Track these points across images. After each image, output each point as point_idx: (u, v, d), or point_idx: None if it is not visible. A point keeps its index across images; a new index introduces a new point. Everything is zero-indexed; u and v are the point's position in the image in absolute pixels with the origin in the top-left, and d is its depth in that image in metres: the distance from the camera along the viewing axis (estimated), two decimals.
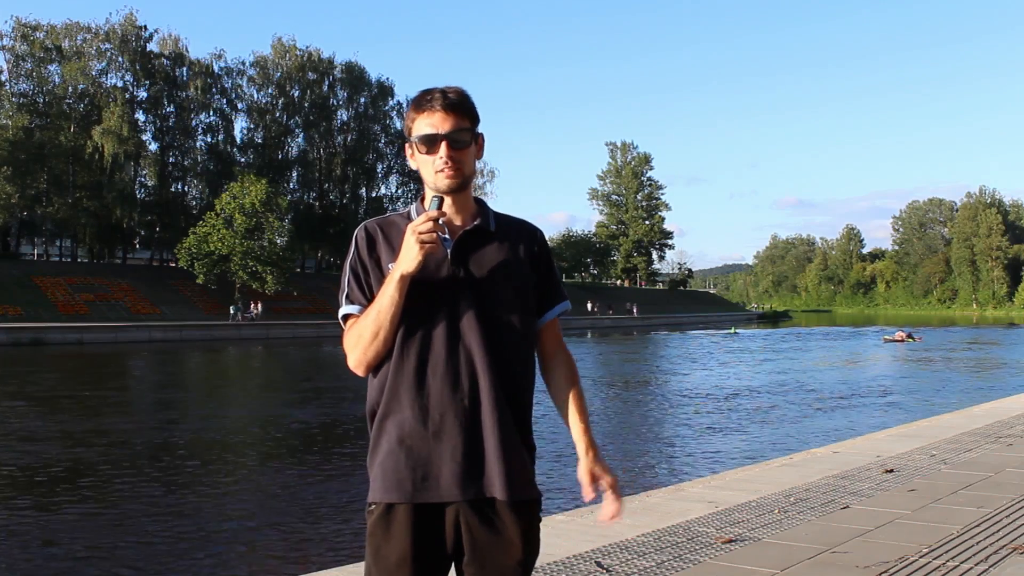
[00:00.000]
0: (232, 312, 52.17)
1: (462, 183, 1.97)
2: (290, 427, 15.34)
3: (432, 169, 1.95)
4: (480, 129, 2.02)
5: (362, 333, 1.92)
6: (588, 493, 2.01)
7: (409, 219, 1.99)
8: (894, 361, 33.88)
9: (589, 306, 75.58)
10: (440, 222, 1.89)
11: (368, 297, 1.96)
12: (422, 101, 1.96)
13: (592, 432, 2.06)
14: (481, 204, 2.06)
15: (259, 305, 52.87)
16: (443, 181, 1.94)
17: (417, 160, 1.99)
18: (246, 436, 14.72)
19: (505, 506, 1.91)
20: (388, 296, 1.88)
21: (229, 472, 11.49)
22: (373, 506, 1.93)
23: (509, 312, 1.95)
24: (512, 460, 1.91)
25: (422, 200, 2.02)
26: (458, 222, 1.99)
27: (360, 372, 1.97)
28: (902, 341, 46.58)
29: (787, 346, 44.42)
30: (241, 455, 12.89)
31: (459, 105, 1.95)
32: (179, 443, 13.60)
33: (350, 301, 1.98)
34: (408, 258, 1.85)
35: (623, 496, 2.07)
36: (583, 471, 2.01)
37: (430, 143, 1.94)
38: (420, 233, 1.83)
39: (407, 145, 2.01)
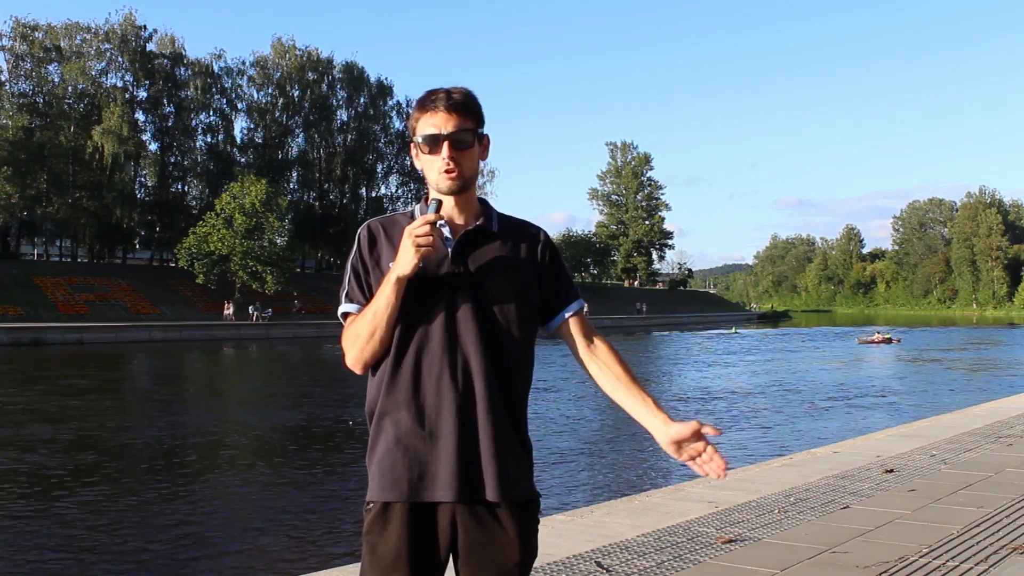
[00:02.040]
0: (250, 311, 52.42)
1: (463, 184, 1.97)
2: (288, 427, 15.34)
3: (434, 170, 1.95)
4: (484, 130, 2.02)
5: (359, 332, 1.93)
6: (699, 447, 1.90)
7: (412, 219, 1.99)
8: (892, 362, 33.88)
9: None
10: (439, 224, 1.89)
11: (367, 296, 1.97)
12: (426, 101, 1.96)
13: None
14: (485, 204, 2.05)
15: (231, 306, 52.15)
16: (444, 182, 1.95)
17: (421, 160, 1.99)
18: (244, 436, 14.73)
19: (502, 507, 1.90)
20: (384, 297, 1.88)
21: (226, 472, 11.50)
22: (371, 504, 1.94)
23: (507, 313, 1.95)
24: (505, 461, 1.90)
25: (426, 200, 2.02)
26: (460, 221, 1.99)
27: (357, 370, 1.97)
28: (878, 343, 44.96)
29: (770, 347, 44.31)
30: (239, 455, 12.90)
31: (463, 106, 1.95)
32: (176, 443, 13.60)
33: (349, 299, 1.99)
34: (404, 261, 1.85)
35: (622, 496, 2.06)
36: (677, 431, 1.90)
37: (432, 143, 1.93)
38: (416, 237, 1.84)
39: (412, 146, 2.01)
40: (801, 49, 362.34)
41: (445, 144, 1.92)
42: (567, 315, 2.05)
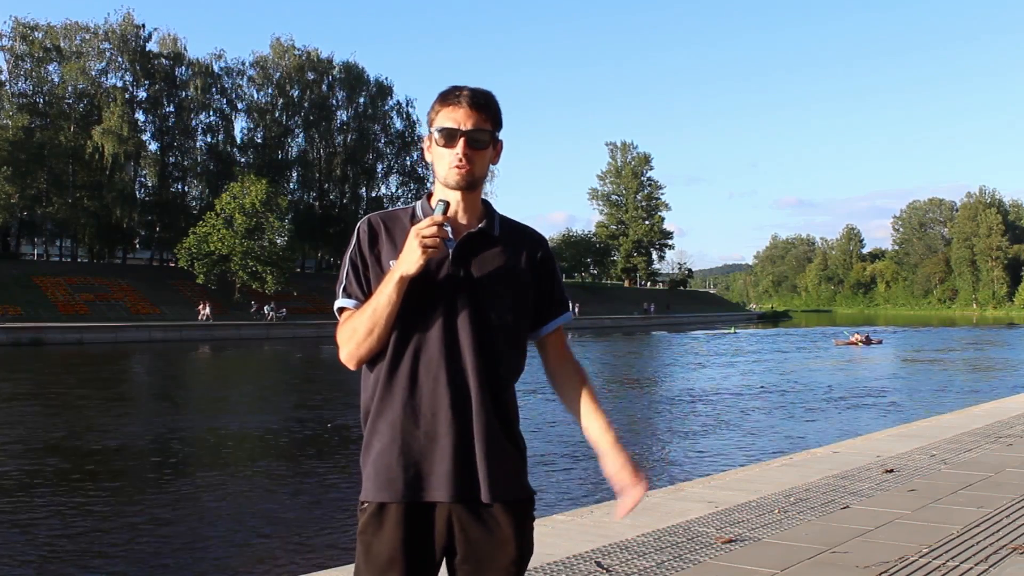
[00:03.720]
0: (266, 312, 52.51)
1: (472, 182, 1.96)
2: (286, 428, 15.34)
3: (446, 163, 1.94)
4: (500, 135, 2.02)
5: (356, 329, 1.92)
6: (630, 490, 1.93)
7: (413, 216, 1.99)
8: (890, 362, 33.87)
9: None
10: (446, 226, 1.87)
11: (365, 292, 1.96)
12: (449, 95, 1.95)
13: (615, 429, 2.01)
14: (488, 207, 2.05)
15: (206, 306, 50.74)
16: (454, 177, 1.94)
17: (433, 152, 1.98)
18: (243, 437, 14.72)
19: (497, 506, 1.91)
20: (386, 295, 1.87)
21: (225, 473, 11.49)
22: (365, 504, 1.93)
23: (504, 318, 1.95)
24: (500, 462, 1.91)
25: (428, 198, 2.02)
26: (463, 222, 1.99)
27: (351, 366, 1.97)
28: (857, 344, 43.29)
29: (759, 347, 44.20)
30: (238, 456, 12.90)
31: (484, 106, 1.95)
32: (175, 444, 13.61)
33: (347, 294, 1.98)
34: (409, 261, 1.84)
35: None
36: (619, 467, 1.94)
37: (449, 137, 1.93)
38: (424, 237, 1.82)
39: (427, 137, 2.00)
40: (801, 49, 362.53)
41: (461, 140, 1.92)
42: (553, 327, 2.07)
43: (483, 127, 1.94)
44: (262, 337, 47.98)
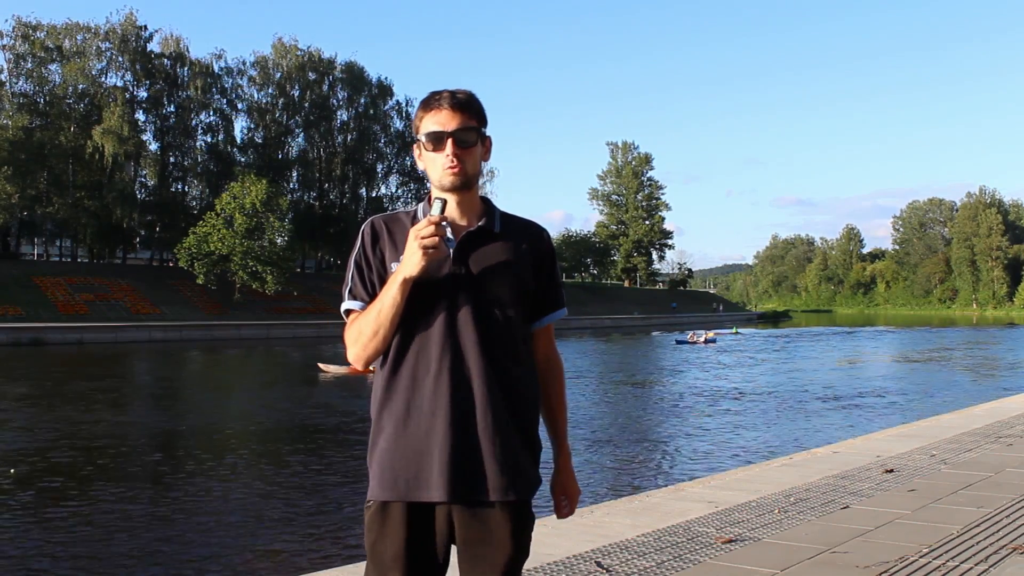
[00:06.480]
0: None
1: (466, 182, 1.98)
2: (287, 427, 15.34)
3: (438, 167, 1.96)
4: (486, 132, 2.04)
5: (362, 330, 1.94)
6: (557, 507, 2.13)
7: (414, 218, 2.02)
8: (890, 362, 33.87)
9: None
10: (444, 225, 1.89)
11: (370, 293, 1.99)
12: (430, 101, 1.98)
13: (568, 446, 2.16)
14: (488, 204, 2.06)
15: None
16: (448, 178, 1.96)
17: (424, 159, 2.01)
18: (243, 436, 14.72)
19: (497, 506, 1.92)
20: (390, 297, 1.90)
21: (226, 473, 11.49)
22: (370, 503, 1.96)
23: (507, 314, 1.96)
24: (500, 461, 1.91)
25: (429, 200, 2.03)
26: (463, 222, 2.00)
27: (359, 366, 2.01)
28: (701, 343, 44.44)
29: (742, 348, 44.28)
30: (238, 456, 12.90)
31: (466, 105, 1.97)
32: (175, 444, 13.61)
33: (352, 296, 2.01)
34: (411, 263, 1.86)
35: (622, 496, 2.07)
36: (558, 488, 2.13)
37: (437, 141, 1.96)
38: (422, 239, 1.84)
39: (415, 145, 2.04)
40: (801, 49, 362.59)
41: (449, 141, 1.94)
42: (544, 323, 2.09)
43: (468, 125, 1.96)
44: (262, 337, 47.98)
